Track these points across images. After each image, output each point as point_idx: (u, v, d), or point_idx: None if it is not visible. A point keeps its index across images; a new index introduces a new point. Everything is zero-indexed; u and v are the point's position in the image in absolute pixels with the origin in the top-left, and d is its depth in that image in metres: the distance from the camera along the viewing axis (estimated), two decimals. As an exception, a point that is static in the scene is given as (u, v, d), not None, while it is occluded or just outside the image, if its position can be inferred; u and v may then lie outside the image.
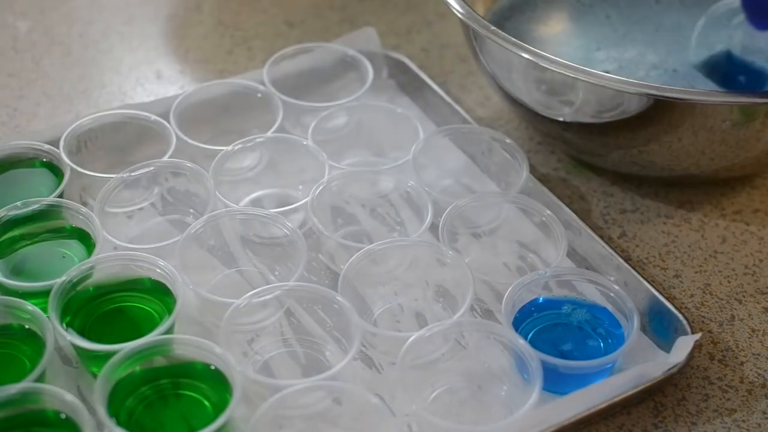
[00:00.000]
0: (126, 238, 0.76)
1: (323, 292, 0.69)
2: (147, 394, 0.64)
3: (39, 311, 0.67)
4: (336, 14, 1.01)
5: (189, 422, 0.63)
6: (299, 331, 0.71)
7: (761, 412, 0.68)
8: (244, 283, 0.74)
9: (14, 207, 0.73)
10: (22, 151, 0.79)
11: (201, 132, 0.83)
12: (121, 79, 0.93)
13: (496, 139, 0.81)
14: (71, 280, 0.68)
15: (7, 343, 0.67)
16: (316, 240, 0.76)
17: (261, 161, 0.83)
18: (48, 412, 0.62)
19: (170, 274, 0.69)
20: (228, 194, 0.77)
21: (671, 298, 0.74)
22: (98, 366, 0.64)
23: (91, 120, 0.81)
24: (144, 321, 0.69)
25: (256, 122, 0.85)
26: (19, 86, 0.92)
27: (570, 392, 0.64)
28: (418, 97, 0.89)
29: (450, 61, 0.96)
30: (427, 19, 1.01)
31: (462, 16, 0.77)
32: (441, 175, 0.82)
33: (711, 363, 0.70)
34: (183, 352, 0.65)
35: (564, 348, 0.68)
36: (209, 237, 0.75)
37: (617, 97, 0.72)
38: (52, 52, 0.96)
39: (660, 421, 0.67)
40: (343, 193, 0.79)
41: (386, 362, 0.69)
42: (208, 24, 1.00)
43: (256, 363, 0.69)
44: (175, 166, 0.78)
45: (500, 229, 0.78)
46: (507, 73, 0.79)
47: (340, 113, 0.84)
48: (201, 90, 0.85)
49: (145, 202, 0.79)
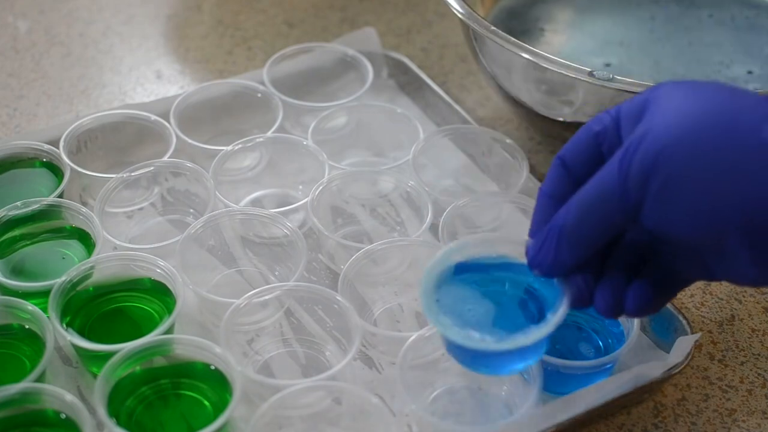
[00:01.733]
0: (126, 238, 0.76)
1: (323, 292, 0.69)
2: (147, 394, 0.64)
3: (39, 311, 0.67)
4: (336, 14, 1.01)
5: (189, 422, 0.63)
6: (299, 331, 0.71)
7: (761, 412, 0.68)
8: (244, 283, 0.74)
9: (14, 207, 0.73)
10: (22, 151, 0.79)
11: (201, 132, 0.83)
12: (121, 79, 0.93)
13: (496, 139, 0.81)
14: (71, 280, 0.68)
15: (7, 343, 0.67)
16: (316, 240, 0.76)
17: (261, 161, 0.83)
18: (48, 412, 0.62)
19: (170, 274, 0.69)
20: (228, 194, 0.77)
21: (671, 298, 0.74)
22: (98, 366, 0.64)
23: (91, 120, 0.81)
24: (144, 321, 0.69)
25: (256, 122, 0.85)
26: (19, 86, 0.92)
27: (570, 392, 0.64)
28: (418, 97, 0.89)
29: (450, 61, 0.96)
30: (427, 19, 1.01)
31: (462, 16, 0.77)
32: (441, 175, 0.82)
33: (711, 363, 0.70)
34: (183, 352, 0.65)
35: (564, 348, 0.68)
36: (209, 237, 0.75)
37: (617, 97, 0.72)
38: (52, 52, 0.96)
39: (660, 421, 0.67)
40: (343, 193, 0.79)
41: (386, 362, 0.69)
42: (208, 24, 1.00)
43: (256, 363, 0.69)
44: (175, 166, 0.78)
45: (500, 229, 0.78)
46: (507, 73, 0.79)
47: (340, 113, 0.84)
48: (201, 90, 0.85)
49: (145, 202, 0.79)
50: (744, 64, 0.84)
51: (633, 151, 0.52)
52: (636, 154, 0.52)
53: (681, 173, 0.51)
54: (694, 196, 0.51)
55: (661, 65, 0.84)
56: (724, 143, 0.51)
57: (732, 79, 0.83)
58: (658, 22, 0.89)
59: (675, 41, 0.87)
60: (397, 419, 0.66)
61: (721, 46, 0.86)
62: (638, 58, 0.85)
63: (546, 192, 0.58)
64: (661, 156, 0.51)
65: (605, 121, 0.56)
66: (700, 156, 0.51)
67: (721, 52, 0.85)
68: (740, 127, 0.51)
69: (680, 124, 0.51)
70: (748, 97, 0.53)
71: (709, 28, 0.88)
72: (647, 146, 0.51)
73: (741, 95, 0.53)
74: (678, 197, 0.51)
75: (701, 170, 0.51)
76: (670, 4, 0.90)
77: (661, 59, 0.85)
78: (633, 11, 0.90)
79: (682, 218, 0.52)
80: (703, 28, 0.88)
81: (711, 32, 0.88)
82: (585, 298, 0.57)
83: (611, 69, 0.84)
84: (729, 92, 0.53)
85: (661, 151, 0.51)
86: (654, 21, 0.89)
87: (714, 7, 0.90)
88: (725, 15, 0.89)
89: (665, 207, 0.52)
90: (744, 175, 0.50)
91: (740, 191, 0.50)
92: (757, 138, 0.51)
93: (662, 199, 0.52)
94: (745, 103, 0.52)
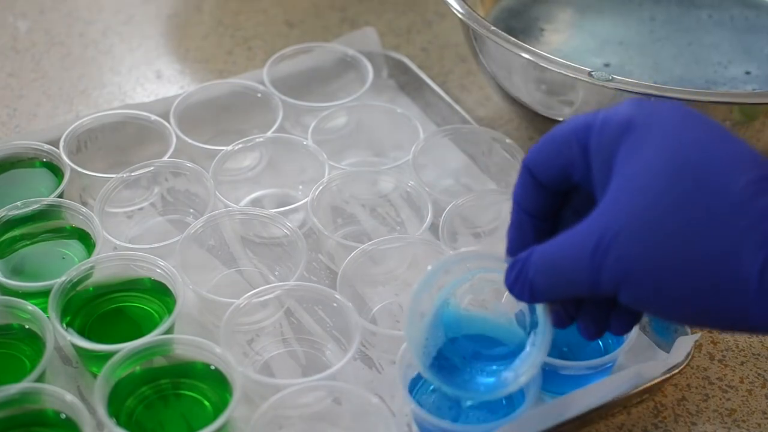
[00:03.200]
0: (126, 238, 0.76)
1: (323, 292, 0.69)
2: (147, 394, 0.64)
3: (39, 311, 0.67)
4: (336, 14, 1.01)
5: (189, 422, 0.63)
6: (299, 330, 0.71)
7: (761, 412, 0.68)
8: (244, 283, 0.74)
9: (14, 207, 0.73)
10: (22, 151, 0.79)
11: (201, 132, 0.83)
12: (121, 79, 0.93)
13: (496, 139, 0.81)
14: (71, 280, 0.68)
15: (7, 343, 0.67)
16: (316, 240, 0.76)
17: (261, 161, 0.83)
18: (48, 412, 0.62)
19: (170, 274, 0.69)
20: (228, 194, 0.77)
21: (671, 298, 0.74)
22: (98, 366, 0.64)
23: (91, 120, 0.81)
24: (144, 321, 0.69)
25: (256, 122, 0.85)
26: (19, 86, 0.92)
27: (569, 392, 0.64)
28: (418, 97, 0.89)
29: (450, 61, 0.96)
30: (427, 19, 1.01)
31: (462, 16, 0.77)
32: (441, 175, 0.82)
33: (711, 363, 0.70)
34: (183, 352, 0.65)
35: (563, 348, 0.68)
36: (209, 237, 0.75)
37: (617, 97, 0.72)
38: (52, 52, 0.96)
39: (660, 421, 0.67)
40: (343, 193, 0.79)
41: (386, 362, 0.69)
42: (208, 24, 1.00)
43: (256, 363, 0.69)
44: (175, 166, 0.78)
45: (500, 229, 0.78)
46: (507, 73, 0.79)
47: (340, 113, 0.84)
48: (201, 90, 0.85)
49: (145, 202, 0.79)
50: (742, 65, 0.84)
51: (604, 251, 0.51)
52: (607, 257, 0.51)
53: (651, 289, 0.51)
54: (665, 304, 0.51)
55: (661, 66, 0.84)
56: (695, 238, 0.50)
57: (730, 79, 0.83)
58: (658, 22, 0.89)
59: (674, 41, 0.87)
60: (397, 419, 0.66)
61: (720, 46, 0.86)
62: (638, 58, 0.85)
63: (517, 201, 0.58)
64: (632, 271, 0.51)
65: (573, 147, 0.54)
66: (669, 269, 0.50)
67: (719, 52, 0.85)
68: (713, 211, 0.49)
69: (647, 228, 0.50)
70: (733, 152, 0.51)
71: (709, 28, 0.88)
72: (617, 252, 0.50)
73: (725, 151, 0.51)
74: (650, 306, 0.52)
75: (670, 283, 0.50)
76: (671, 5, 0.90)
77: (661, 60, 0.85)
78: (634, 11, 0.90)
79: (656, 312, 0.53)
80: (702, 29, 0.88)
81: (710, 33, 0.88)
82: (565, 323, 0.58)
83: (611, 69, 0.84)
84: (711, 152, 0.51)
85: (632, 262, 0.50)
86: (654, 21, 0.89)
87: (714, 8, 0.90)
88: (725, 16, 0.89)
89: (639, 307, 0.52)
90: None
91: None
92: (733, 228, 0.49)
93: (635, 304, 0.52)
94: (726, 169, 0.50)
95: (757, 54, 0.85)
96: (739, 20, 0.88)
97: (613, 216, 0.51)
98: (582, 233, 0.52)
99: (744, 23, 0.88)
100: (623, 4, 0.91)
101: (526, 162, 0.57)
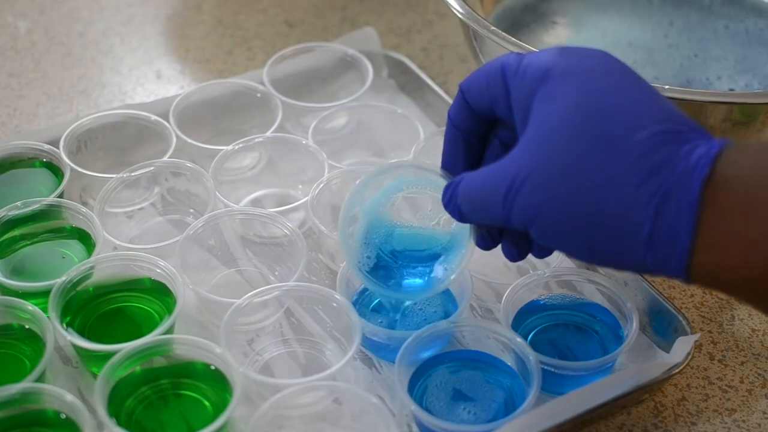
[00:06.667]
0: (126, 238, 0.76)
1: (323, 292, 0.69)
2: (147, 394, 0.64)
3: (39, 311, 0.67)
4: (336, 14, 1.01)
5: (189, 422, 0.63)
6: (299, 331, 0.71)
7: (761, 412, 0.68)
8: (244, 283, 0.74)
9: (14, 207, 0.74)
10: (22, 151, 0.79)
11: (201, 132, 0.83)
12: (121, 79, 0.93)
13: (496, 139, 0.81)
14: (71, 280, 0.68)
15: (7, 343, 0.67)
16: (316, 240, 0.76)
17: (261, 161, 0.83)
18: (48, 412, 0.62)
19: (170, 274, 0.69)
20: (228, 194, 0.77)
21: (671, 298, 0.74)
22: (98, 366, 0.64)
23: (91, 120, 0.81)
24: (144, 321, 0.69)
25: (256, 122, 0.85)
26: (19, 86, 0.92)
27: (569, 392, 0.64)
28: (418, 97, 0.89)
29: (450, 61, 0.96)
30: (427, 19, 1.01)
31: (462, 16, 0.77)
32: (441, 175, 0.82)
33: (711, 363, 0.70)
34: (183, 352, 0.65)
35: (564, 348, 0.68)
36: (209, 237, 0.75)
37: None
38: (52, 52, 0.96)
39: (660, 421, 0.67)
40: (343, 192, 0.79)
41: (386, 362, 0.69)
42: (208, 24, 1.00)
43: (256, 363, 0.69)
44: (175, 166, 0.78)
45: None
46: (507, 73, 0.79)
47: (340, 113, 0.84)
48: (201, 90, 0.85)
49: (145, 202, 0.79)
50: (731, 80, 0.84)
51: (513, 196, 0.54)
52: (515, 202, 0.54)
53: (554, 235, 0.54)
54: (569, 250, 0.56)
55: (659, 75, 0.84)
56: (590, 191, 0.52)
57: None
58: (675, 28, 0.88)
59: (682, 51, 0.86)
60: (397, 419, 0.66)
61: (723, 60, 0.85)
62: (641, 63, 0.85)
63: (451, 118, 0.62)
64: (536, 217, 0.54)
65: (498, 86, 0.58)
66: (566, 214, 0.53)
67: (720, 66, 0.85)
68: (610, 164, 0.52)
69: (551, 179, 0.53)
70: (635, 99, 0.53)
71: (721, 41, 0.87)
72: (524, 200, 0.54)
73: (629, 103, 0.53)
74: (557, 248, 0.56)
75: (568, 225, 0.53)
76: (692, 12, 0.90)
77: (661, 68, 0.84)
78: (654, 14, 0.89)
79: (565, 253, 0.58)
80: (714, 41, 0.87)
81: (720, 45, 0.87)
82: (489, 245, 0.63)
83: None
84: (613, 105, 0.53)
85: (536, 209, 0.54)
86: (672, 26, 0.88)
87: (731, 18, 0.89)
88: (740, 27, 0.88)
89: (548, 246, 0.57)
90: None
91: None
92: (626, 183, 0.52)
93: (544, 244, 0.56)
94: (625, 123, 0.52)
95: (758, 70, 0.85)
96: (754, 31, 0.88)
97: (525, 162, 0.54)
98: (498, 174, 0.56)
99: (758, 35, 0.88)
100: (645, 6, 0.91)
101: (462, 85, 0.61)
